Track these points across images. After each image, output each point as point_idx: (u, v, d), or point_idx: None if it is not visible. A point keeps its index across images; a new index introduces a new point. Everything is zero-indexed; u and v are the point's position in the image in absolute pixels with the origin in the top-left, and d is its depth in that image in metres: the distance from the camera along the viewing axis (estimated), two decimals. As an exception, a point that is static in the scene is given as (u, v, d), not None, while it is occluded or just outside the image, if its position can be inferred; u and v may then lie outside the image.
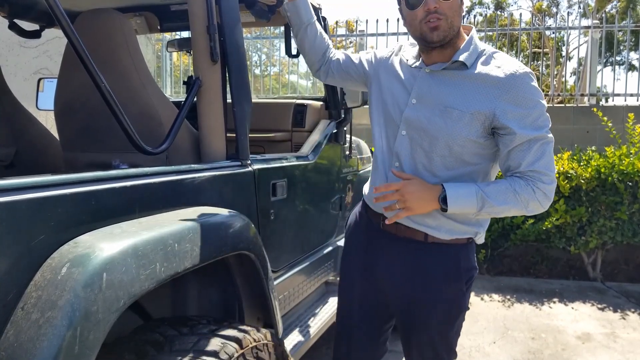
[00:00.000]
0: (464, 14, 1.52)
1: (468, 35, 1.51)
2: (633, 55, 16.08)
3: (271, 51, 9.27)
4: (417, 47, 1.58)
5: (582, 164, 4.51)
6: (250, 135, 1.87)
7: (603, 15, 8.13)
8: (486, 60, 1.46)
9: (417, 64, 1.55)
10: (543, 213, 4.42)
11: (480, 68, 1.45)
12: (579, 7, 19.84)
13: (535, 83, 1.43)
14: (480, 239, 1.59)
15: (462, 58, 1.45)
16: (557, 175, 4.37)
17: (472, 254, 1.60)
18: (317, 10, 2.63)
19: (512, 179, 1.43)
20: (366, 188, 1.75)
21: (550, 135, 1.43)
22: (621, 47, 9.91)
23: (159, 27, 2.74)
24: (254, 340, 1.36)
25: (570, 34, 11.35)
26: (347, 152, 2.84)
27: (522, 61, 10.56)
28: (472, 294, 4.21)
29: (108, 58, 1.68)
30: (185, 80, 1.88)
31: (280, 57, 7.96)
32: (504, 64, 1.44)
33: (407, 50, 1.64)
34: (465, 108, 1.43)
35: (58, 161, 2.10)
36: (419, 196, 1.42)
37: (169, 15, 2.66)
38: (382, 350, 1.80)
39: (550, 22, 12.63)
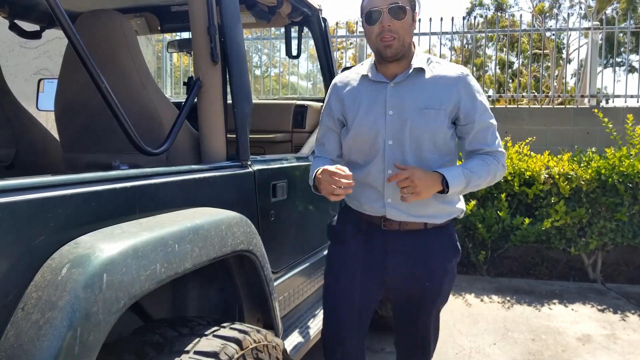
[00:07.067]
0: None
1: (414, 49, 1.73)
2: (633, 56, 16.10)
3: (272, 52, 9.26)
4: (368, 63, 1.77)
5: (582, 165, 4.51)
6: (250, 136, 1.87)
7: (603, 16, 8.13)
8: (434, 65, 1.71)
9: (379, 79, 1.71)
10: (543, 214, 4.46)
11: (433, 72, 1.69)
12: (580, 8, 19.84)
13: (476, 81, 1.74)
14: (462, 215, 1.82)
15: (419, 65, 1.68)
16: (557, 176, 4.42)
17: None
18: (317, 11, 2.64)
19: (481, 156, 1.71)
20: (355, 201, 1.82)
21: (495, 122, 1.74)
22: (621, 49, 9.91)
23: (159, 28, 2.74)
24: (254, 341, 1.36)
25: (570, 35, 11.34)
26: None
27: (523, 62, 10.58)
28: (472, 295, 4.21)
29: (108, 59, 1.68)
30: (186, 81, 1.88)
31: (281, 58, 7.94)
32: (449, 66, 1.72)
33: (360, 69, 1.79)
34: (438, 106, 1.65)
35: (58, 162, 2.10)
36: (425, 182, 1.58)
37: (169, 16, 2.66)
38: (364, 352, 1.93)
39: (550, 23, 12.64)
